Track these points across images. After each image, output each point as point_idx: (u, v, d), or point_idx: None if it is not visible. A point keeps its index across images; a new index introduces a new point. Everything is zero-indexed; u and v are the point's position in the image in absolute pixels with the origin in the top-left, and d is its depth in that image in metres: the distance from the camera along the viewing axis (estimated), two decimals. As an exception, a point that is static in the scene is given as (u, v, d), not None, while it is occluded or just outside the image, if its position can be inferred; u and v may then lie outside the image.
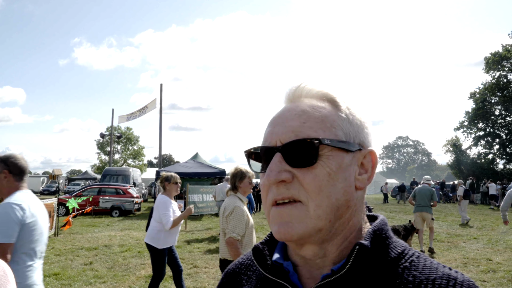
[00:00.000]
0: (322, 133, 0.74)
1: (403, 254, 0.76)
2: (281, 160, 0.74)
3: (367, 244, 0.72)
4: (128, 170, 31.41)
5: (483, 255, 10.01)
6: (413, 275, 0.72)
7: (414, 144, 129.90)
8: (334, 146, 0.73)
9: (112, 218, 19.06)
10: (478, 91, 43.96)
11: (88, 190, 22.21)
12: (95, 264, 8.95)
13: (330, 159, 0.73)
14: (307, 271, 0.79)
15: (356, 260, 0.71)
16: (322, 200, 0.72)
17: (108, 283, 7.49)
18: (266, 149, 0.77)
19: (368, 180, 0.79)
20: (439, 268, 0.73)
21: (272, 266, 0.81)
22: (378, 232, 0.77)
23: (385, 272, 0.73)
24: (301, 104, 0.78)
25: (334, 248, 0.76)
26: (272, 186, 0.74)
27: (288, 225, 0.72)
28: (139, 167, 54.27)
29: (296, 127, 0.74)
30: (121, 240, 12.24)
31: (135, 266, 8.81)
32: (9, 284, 1.02)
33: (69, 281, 7.54)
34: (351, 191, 0.75)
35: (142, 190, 32.42)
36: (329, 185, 0.72)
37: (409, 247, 0.79)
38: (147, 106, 32.83)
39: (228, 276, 0.95)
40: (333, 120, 0.76)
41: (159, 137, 28.77)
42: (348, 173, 0.75)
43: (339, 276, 0.71)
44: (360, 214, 0.80)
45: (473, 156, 45.12)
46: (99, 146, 58.81)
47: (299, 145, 0.73)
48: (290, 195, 0.73)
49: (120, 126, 55.45)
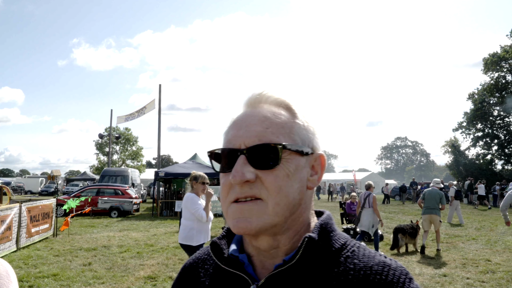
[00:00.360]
0: (283, 139, 0.82)
1: (345, 245, 0.86)
2: (245, 162, 0.80)
3: (314, 237, 0.81)
4: (127, 171, 31.40)
5: (482, 255, 10.02)
6: (354, 263, 0.81)
7: (412, 144, 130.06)
8: (292, 150, 0.82)
9: (111, 219, 19.04)
10: (476, 92, 44.02)
11: (87, 190, 22.20)
12: (94, 265, 8.94)
13: (289, 162, 0.81)
14: (260, 262, 0.87)
15: (305, 250, 0.80)
16: (281, 199, 0.79)
17: (107, 283, 7.47)
18: (230, 150, 0.83)
19: (318, 181, 0.88)
20: (376, 257, 0.83)
21: (228, 259, 0.88)
22: (324, 226, 0.86)
23: (330, 261, 0.82)
24: (262, 110, 0.85)
25: (287, 240, 0.84)
26: (236, 185, 0.81)
27: (247, 220, 0.79)
28: (138, 167, 54.18)
29: (260, 132, 0.81)
30: (120, 241, 12.22)
31: (134, 266, 8.80)
32: (11, 284, 1.02)
33: (68, 282, 7.53)
34: (304, 191, 0.85)
35: (141, 190, 32.40)
36: (288, 185, 0.80)
37: (351, 239, 0.89)
38: (146, 107, 32.82)
39: (186, 270, 1.01)
40: (292, 126, 0.84)
41: (158, 138, 28.75)
42: (302, 174, 0.84)
43: (290, 265, 0.80)
44: (309, 210, 0.89)
45: (471, 157, 45.14)
46: (97, 147, 58.72)
47: (263, 149, 0.80)
48: (252, 193, 0.80)
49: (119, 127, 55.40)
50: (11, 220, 10.13)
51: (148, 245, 11.49)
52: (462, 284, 7.46)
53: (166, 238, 12.88)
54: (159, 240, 12.35)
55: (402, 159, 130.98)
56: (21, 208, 10.88)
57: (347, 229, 13.23)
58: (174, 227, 15.81)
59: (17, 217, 10.56)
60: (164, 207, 21.21)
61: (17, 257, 9.72)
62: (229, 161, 0.83)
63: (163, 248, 11.01)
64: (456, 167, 44.61)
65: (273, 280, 0.81)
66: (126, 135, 59.15)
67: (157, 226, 16.07)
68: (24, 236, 11.00)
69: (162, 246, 11.34)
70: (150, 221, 17.83)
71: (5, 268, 1.04)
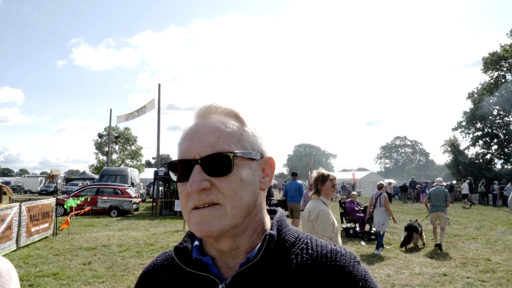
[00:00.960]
0: (234, 147, 0.88)
1: (298, 238, 0.96)
2: (201, 171, 0.86)
3: (274, 233, 0.90)
4: (126, 170, 31.37)
5: (482, 255, 10.02)
6: (309, 253, 0.91)
7: (412, 144, 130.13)
8: (243, 157, 0.89)
9: (111, 218, 19.03)
10: (476, 91, 44.04)
11: (86, 190, 22.19)
12: (94, 264, 8.94)
13: (241, 168, 0.88)
14: (223, 262, 0.94)
15: (267, 247, 0.88)
16: (237, 202, 0.86)
17: (107, 283, 7.48)
18: (186, 161, 0.89)
19: (269, 182, 0.96)
20: (328, 246, 0.94)
21: (193, 262, 0.93)
22: (280, 223, 0.96)
23: (288, 254, 0.91)
24: (212, 121, 0.92)
25: (246, 240, 0.92)
26: (194, 194, 0.86)
27: (208, 224, 0.86)
28: (137, 167, 54.20)
29: (212, 142, 0.88)
30: (119, 240, 12.22)
31: (133, 266, 8.80)
32: (12, 282, 1.01)
33: (68, 281, 7.53)
34: (258, 192, 0.92)
35: (140, 190, 32.39)
36: (242, 189, 0.87)
37: (303, 232, 0.99)
38: (146, 106, 32.83)
39: (146, 277, 1.05)
40: (241, 134, 0.91)
41: (157, 137, 28.78)
42: (254, 177, 0.91)
43: (254, 262, 0.87)
44: (263, 209, 0.98)
45: (471, 156, 45.16)
46: (97, 146, 58.78)
47: (216, 158, 0.86)
48: (209, 200, 0.86)
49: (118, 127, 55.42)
50: (11, 219, 10.13)
51: (147, 244, 11.49)
52: (463, 284, 7.46)
53: (165, 237, 12.88)
54: (158, 240, 12.34)
55: (402, 159, 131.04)
56: (21, 208, 10.88)
57: (347, 228, 13.24)
58: (173, 226, 15.82)
59: (17, 217, 10.55)
60: (164, 207, 21.21)
61: (17, 256, 9.71)
62: (185, 171, 0.88)
63: (163, 247, 11.01)
64: (455, 167, 44.66)
65: (240, 277, 0.88)
66: (125, 135, 59.18)
67: (157, 226, 16.06)
68: (24, 236, 10.99)
69: (162, 245, 11.34)
70: (149, 221, 17.83)
71: (7, 266, 1.04)
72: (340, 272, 0.88)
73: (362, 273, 0.90)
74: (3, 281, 0.99)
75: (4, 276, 1.00)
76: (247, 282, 0.88)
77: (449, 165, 46.96)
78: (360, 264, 0.92)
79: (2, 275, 1.00)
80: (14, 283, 1.01)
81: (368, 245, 11.52)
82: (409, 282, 7.57)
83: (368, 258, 9.72)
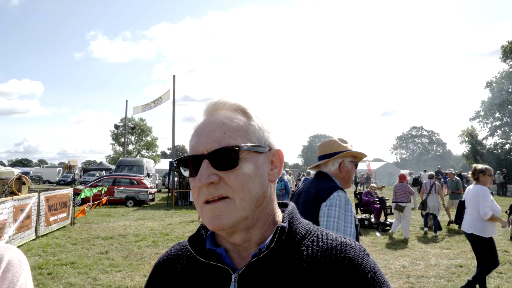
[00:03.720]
0: (240, 141, 0.91)
1: (309, 231, 0.98)
2: (209, 166, 0.89)
3: (285, 226, 0.93)
4: (142, 161, 31.63)
5: (499, 246, 9.86)
6: (319, 245, 0.94)
7: (428, 134, 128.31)
8: (250, 150, 0.91)
9: (127, 208, 19.29)
10: (494, 80, 43.16)
11: (103, 180, 22.49)
12: (111, 253, 9.08)
13: (248, 161, 0.90)
14: (236, 253, 0.96)
15: (279, 239, 0.90)
16: (245, 195, 0.89)
17: (124, 271, 7.60)
18: (194, 157, 0.92)
19: (278, 174, 0.98)
20: (338, 238, 0.96)
21: (207, 253, 0.96)
22: (291, 216, 0.98)
23: (299, 246, 0.94)
24: (219, 117, 0.94)
25: (257, 231, 0.95)
26: (203, 187, 0.89)
27: (220, 217, 0.88)
28: (153, 158, 54.66)
29: (219, 137, 0.90)
30: (136, 230, 12.38)
31: (149, 255, 8.91)
32: (23, 272, 1.02)
33: (86, 270, 7.67)
34: (266, 184, 0.94)
35: (156, 180, 32.67)
36: (249, 181, 0.90)
37: (313, 225, 1.02)
38: (162, 97, 32.98)
39: (161, 267, 1.08)
40: (247, 128, 0.94)
41: (172, 128, 28.98)
42: (262, 170, 0.93)
43: (266, 253, 0.90)
44: (274, 202, 1.00)
45: (489, 146, 44.43)
46: (113, 137, 59.37)
47: (223, 152, 0.89)
48: (219, 193, 0.89)
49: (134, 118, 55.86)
50: (30, 209, 10.34)
51: (163, 234, 11.62)
52: (479, 275, 7.38)
53: (181, 227, 13.00)
54: (174, 229, 12.47)
55: (418, 149, 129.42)
56: (39, 197, 11.08)
57: (362, 219, 13.17)
58: (189, 216, 15.96)
59: (36, 206, 10.76)
60: (179, 197, 21.38)
61: (36, 245, 9.92)
62: (195, 166, 0.92)
63: (178, 237, 11.12)
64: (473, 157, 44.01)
65: (252, 267, 0.91)
66: (141, 126, 59.63)
67: (172, 216, 16.23)
68: (43, 225, 11.22)
69: (177, 235, 11.45)
70: (165, 211, 18.01)
71: (18, 256, 1.04)
72: (350, 264, 0.90)
73: (371, 265, 0.92)
74: (14, 271, 0.99)
75: (15, 265, 1.01)
76: (259, 272, 0.91)
77: (466, 155, 46.33)
78: (369, 257, 0.94)
79: (13, 264, 1.01)
80: (25, 273, 1.02)
81: (383, 236, 11.46)
82: (424, 274, 7.52)
83: (383, 249, 9.67)
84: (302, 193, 2.82)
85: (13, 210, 9.37)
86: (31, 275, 1.06)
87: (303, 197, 2.75)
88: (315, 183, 2.78)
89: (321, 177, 2.83)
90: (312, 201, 2.62)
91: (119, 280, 7.10)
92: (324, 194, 2.57)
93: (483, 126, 45.30)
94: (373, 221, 12.95)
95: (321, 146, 2.96)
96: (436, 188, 11.78)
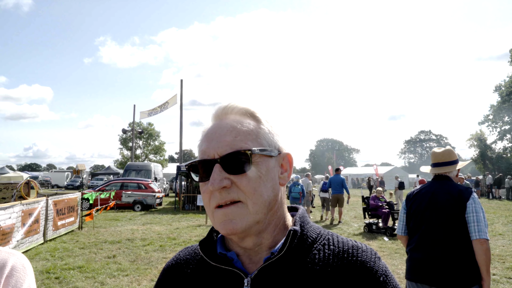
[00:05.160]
0: (251, 144, 0.90)
1: (320, 235, 0.98)
2: (221, 170, 0.89)
3: (297, 229, 0.93)
4: (150, 165, 31.71)
5: (509, 251, 9.78)
6: (331, 249, 0.94)
7: (437, 138, 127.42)
8: (261, 154, 0.91)
9: (134, 213, 19.33)
10: (503, 84, 42.81)
11: (111, 184, 22.58)
12: (118, 257, 9.10)
13: (260, 165, 0.90)
14: (247, 258, 0.96)
15: (291, 242, 0.91)
16: (257, 198, 0.89)
17: (131, 276, 7.61)
18: (206, 161, 0.92)
19: (288, 177, 0.98)
20: (349, 242, 0.97)
21: (218, 257, 0.96)
22: (302, 220, 0.99)
23: (310, 249, 0.94)
24: (229, 121, 0.94)
25: (269, 235, 0.94)
26: (215, 192, 0.89)
27: (232, 222, 0.88)
28: (160, 162, 54.79)
29: (230, 141, 0.90)
30: (143, 234, 12.40)
31: (157, 259, 8.92)
32: (27, 277, 1.00)
33: (93, 274, 7.69)
34: (277, 188, 0.94)
35: (163, 185, 32.75)
36: (261, 185, 0.89)
37: (323, 229, 1.02)
38: (168, 102, 33.03)
39: (169, 271, 1.07)
40: (258, 132, 0.93)
41: (180, 133, 28.97)
42: (273, 173, 0.93)
43: (279, 257, 0.90)
44: (284, 205, 0.99)
45: (498, 150, 44.02)
46: (121, 142, 59.60)
47: (235, 156, 0.88)
48: (231, 198, 0.88)
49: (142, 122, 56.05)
50: (38, 213, 10.39)
51: (170, 238, 11.63)
52: (488, 280, 7.30)
53: (188, 231, 13.01)
54: (181, 234, 12.48)
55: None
56: (47, 202, 11.15)
57: (370, 223, 13.09)
58: (196, 221, 15.96)
59: (44, 210, 10.82)
60: (186, 201, 21.40)
61: (44, 249, 9.97)
62: (206, 171, 0.92)
63: (185, 241, 11.12)
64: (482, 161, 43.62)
65: (265, 271, 0.91)
66: (148, 130, 59.84)
67: (180, 220, 16.24)
68: (51, 229, 11.28)
69: (185, 239, 11.46)
70: (172, 215, 18.03)
71: (22, 261, 1.03)
72: (362, 267, 0.91)
73: (383, 269, 0.92)
74: (18, 276, 0.98)
75: (19, 271, 1.00)
76: (272, 276, 0.90)
77: (475, 159, 45.88)
78: (381, 260, 0.94)
79: (16, 270, 1.00)
80: (28, 278, 1.01)
81: (391, 240, 11.37)
82: (433, 279, 7.43)
83: (390, 254, 9.60)
84: (432, 194, 3.27)
85: (22, 214, 9.43)
86: (35, 280, 1.05)
87: (442, 197, 3.20)
88: (446, 185, 3.27)
89: (445, 179, 3.33)
90: (458, 200, 3.10)
91: (126, 284, 7.11)
92: (467, 194, 3.10)
93: (492, 130, 44.96)
94: (381, 225, 12.85)
95: (443, 154, 3.43)
96: None
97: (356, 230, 13.66)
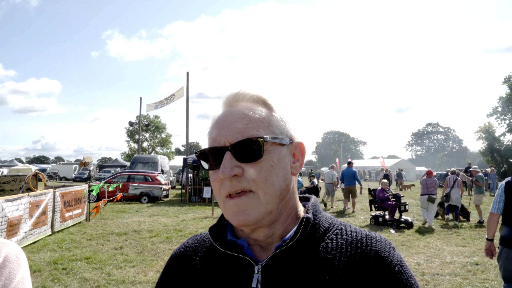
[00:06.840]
0: (263, 132, 0.88)
1: (332, 224, 0.97)
2: (232, 158, 0.86)
3: (310, 217, 0.92)
4: (156, 158, 31.80)
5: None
6: (344, 238, 0.93)
7: (444, 130, 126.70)
8: (273, 142, 0.88)
9: (141, 205, 19.44)
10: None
11: (118, 177, 22.70)
12: (125, 249, 9.16)
13: (272, 153, 0.88)
14: (258, 247, 0.94)
15: (304, 230, 0.89)
16: (269, 188, 0.86)
17: (138, 267, 7.65)
18: (216, 149, 0.89)
19: (300, 167, 0.96)
20: (363, 232, 0.95)
21: (228, 244, 0.94)
22: (315, 208, 0.97)
23: (322, 238, 0.93)
24: (240, 108, 0.91)
25: (280, 225, 0.92)
26: (226, 180, 0.87)
27: (245, 213, 0.86)
28: (167, 154, 54.90)
29: (241, 128, 0.88)
30: (149, 226, 12.47)
31: (163, 251, 8.96)
32: (21, 268, 0.97)
33: (100, 265, 7.74)
34: (289, 177, 0.92)
35: (170, 177, 32.88)
36: (273, 174, 0.87)
37: (336, 219, 1.00)
38: (175, 95, 33.06)
39: (177, 259, 1.04)
40: (270, 120, 0.91)
41: (186, 125, 29.01)
42: (285, 163, 0.91)
43: (290, 245, 0.88)
44: (296, 195, 0.97)
45: (507, 143, 43.65)
46: (128, 134, 59.72)
47: (246, 144, 0.86)
48: (242, 187, 0.86)
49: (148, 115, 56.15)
50: (46, 205, 10.47)
51: (177, 230, 11.68)
52: (495, 273, 7.25)
53: (194, 223, 13.05)
54: (187, 226, 12.53)
55: (434, 146, 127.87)
56: (55, 194, 11.22)
57: (376, 216, 13.05)
58: (202, 213, 16.01)
59: (51, 202, 10.90)
60: (193, 193, 21.48)
61: (52, 240, 10.06)
62: (217, 159, 0.89)
63: (192, 233, 11.16)
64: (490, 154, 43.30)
65: (276, 259, 0.89)
66: (155, 123, 59.96)
67: (186, 212, 16.30)
68: (58, 221, 11.37)
69: (191, 231, 11.50)
70: (179, 207, 18.10)
71: (15, 251, 0.98)
72: (376, 257, 0.89)
73: (398, 258, 0.91)
74: (11, 267, 0.95)
75: (12, 262, 0.96)
76: (283, 264, 0.88)
77: (483, 152, 45.56)
78: (395, 250, 0.93)
79: (10, 260, 0.96)
80: (22, 269, 0.97)
81: (397, 233, 11.34)
82: (439, 271, 7.42)
83: (397, 246, 9.57)
84: None
85: (29, 206, 9.50)
86: (29, 271, 1.02)
87: None
88: None
89: None
90: None
91: (133, 275, 7.15)
92: None
93: (500, 123, 44.58)
94: (388, 218, 12.81)
95: None
96: (458, 183, 13.27)
97: (363, 222, 13.63)
